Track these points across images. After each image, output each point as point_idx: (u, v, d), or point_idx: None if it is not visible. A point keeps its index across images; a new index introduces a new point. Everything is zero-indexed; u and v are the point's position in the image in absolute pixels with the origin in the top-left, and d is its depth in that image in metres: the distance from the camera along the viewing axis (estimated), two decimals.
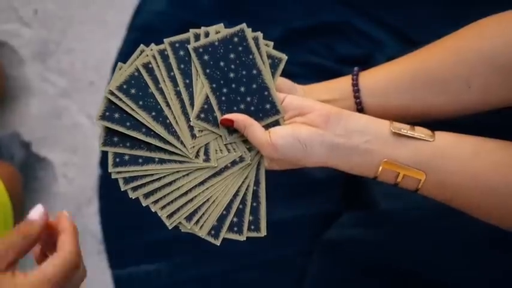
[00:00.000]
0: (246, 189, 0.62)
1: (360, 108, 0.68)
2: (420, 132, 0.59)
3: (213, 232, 0.61)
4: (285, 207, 0.94)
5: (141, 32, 1.06)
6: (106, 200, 1.04)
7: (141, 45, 0.63)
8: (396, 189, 0.62)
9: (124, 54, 1.06)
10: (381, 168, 0.59)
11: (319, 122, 0.59)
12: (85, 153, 1.06)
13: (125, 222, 1.01)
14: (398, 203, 0.84)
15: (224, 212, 0.61)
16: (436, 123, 0.64)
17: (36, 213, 0.52)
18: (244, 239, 0.62)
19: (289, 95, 0.63)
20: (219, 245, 0.61)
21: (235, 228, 0.61)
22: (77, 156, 1.06)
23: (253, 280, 0.95)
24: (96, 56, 1.09)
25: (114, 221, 1.03)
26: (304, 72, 0.98)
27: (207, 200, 0.61)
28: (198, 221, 0.61)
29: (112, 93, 0.61)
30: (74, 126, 1.06)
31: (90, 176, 1.05)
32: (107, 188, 1.04)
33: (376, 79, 0.69)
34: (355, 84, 0.69)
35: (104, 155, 1.05)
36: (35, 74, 1.08)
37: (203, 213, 0.61)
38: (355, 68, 0.70)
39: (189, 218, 0.61)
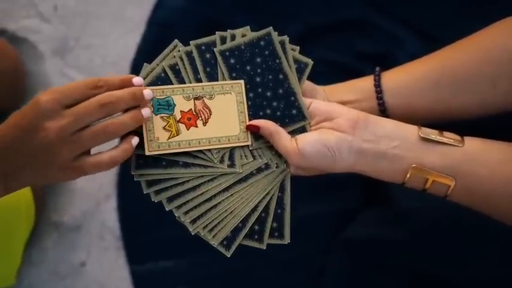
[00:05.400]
0: (271, 196, 0.61)
1: (383, 109, 0.68)
2: (449, 137, 0.59)
3: (225, 243, 0.60)
4: (304, 205, 0.94)
5: (160, 28, 1.06)
6: (124, 197, 1.04)
7: (175, 40, 0.62)
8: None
9: (143, 51, 1.06)
10: (409, 174, 0.58)
11: (346, 127, 0.58)
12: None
13: (143, 218, 1.01)
14: (419, 202, 0.83)
15: (240, 225, 0.60)
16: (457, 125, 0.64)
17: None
18: (265, 247, 0.61)
19: (315, 100, 0.63)
20: (229, 256, 0.60)
21: (256, 236, 0.61)
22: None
23: (272, 278, 0.95)
24: (115, 51, 1.08)
25: (133, 218, 1.03)
26: (323, 69, 0.97)
27: (226, 209, 0.60)
28: (212, 229, 0.60)
29: None
30: None
31: (108, 172, 1.05)
32: (126, 184, 1.04)
33: (399, 79, 0.68)
34: (378, 85, 0.68)
35: None
36: (55, 69, 1.08)
37: (219, 222, 0.60)
38: (377, 68, 0.69)
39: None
